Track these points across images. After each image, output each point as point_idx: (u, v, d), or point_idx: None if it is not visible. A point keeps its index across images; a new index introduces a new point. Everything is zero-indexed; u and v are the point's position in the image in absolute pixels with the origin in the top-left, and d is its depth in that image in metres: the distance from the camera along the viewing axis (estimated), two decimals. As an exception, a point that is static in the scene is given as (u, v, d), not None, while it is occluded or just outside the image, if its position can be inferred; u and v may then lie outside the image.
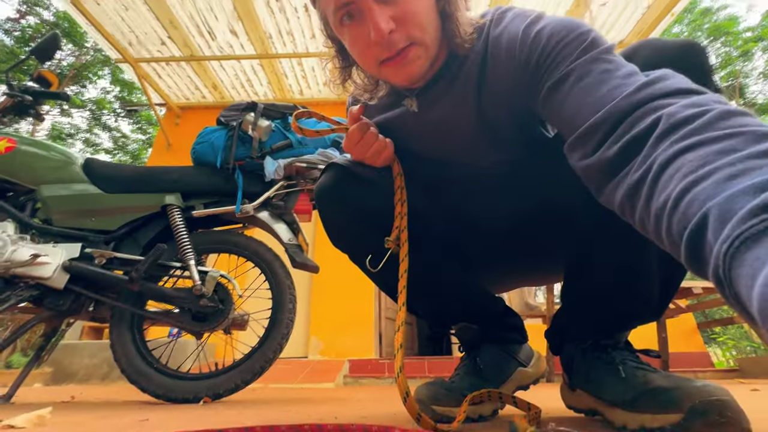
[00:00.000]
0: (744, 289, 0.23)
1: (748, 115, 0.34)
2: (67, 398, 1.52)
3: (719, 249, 0.25)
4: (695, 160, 0.32)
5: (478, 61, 0.60)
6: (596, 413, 0.66)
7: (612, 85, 0.44)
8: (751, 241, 0.23)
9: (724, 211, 0.26)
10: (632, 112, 0.40)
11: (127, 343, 1.23)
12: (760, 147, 0.29)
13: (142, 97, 11.96)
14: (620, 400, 0.58)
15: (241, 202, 1.33)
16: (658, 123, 0.37)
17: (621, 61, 0.48)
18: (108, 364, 3.11)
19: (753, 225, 0.23)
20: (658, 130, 0.37)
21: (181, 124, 5.35)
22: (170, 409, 1.01)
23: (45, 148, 1.34)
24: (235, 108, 1.44)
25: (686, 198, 0.31)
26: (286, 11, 4.03)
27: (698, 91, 0.39)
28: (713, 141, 0.32)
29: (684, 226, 0.30)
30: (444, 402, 0.68)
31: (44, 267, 1.14)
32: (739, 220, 0.24)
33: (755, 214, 0.24)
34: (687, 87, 0.40)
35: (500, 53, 0.58)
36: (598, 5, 4.04)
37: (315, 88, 5.17)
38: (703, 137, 0.33)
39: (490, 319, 0.80)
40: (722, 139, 0.31)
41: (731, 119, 0.33)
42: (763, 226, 0.23)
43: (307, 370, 3.09)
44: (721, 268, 0.25)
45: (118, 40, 4.32)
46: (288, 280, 1.32)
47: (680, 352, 3.52)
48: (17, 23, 10.44)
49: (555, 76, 0.51)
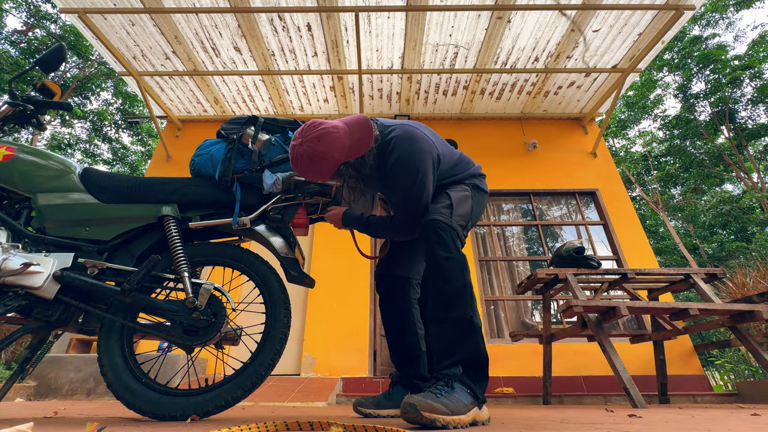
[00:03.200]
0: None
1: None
2: (50, 414, 1.46)
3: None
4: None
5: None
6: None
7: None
8: None
9: None
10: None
11: (116, 356, 1.20)
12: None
13: (144, 109, 12.09)
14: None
15: (238, 214, 1.33)
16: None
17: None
18: (94, 378, 3.02)
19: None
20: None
21: (181, 137, 5.39)
22: (156, 428, 0.98)
23: (43, 157, 1.33)
24: (236, 122, 1.46)
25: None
26: (289, 30, 4.14)
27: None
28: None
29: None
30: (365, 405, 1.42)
31: (35, 276, 1.12)
32: None
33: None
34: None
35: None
36: (591, 32, 4.18)
37: (315, 104, 5.26)
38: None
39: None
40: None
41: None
42: None
43: (299, 387, 3.01)
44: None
45: (122, 53, 4.40)
46: (283, 295, 1.30)
47: (678, 375, 3.48)
48: (24, 35, 10.62)
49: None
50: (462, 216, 1.25)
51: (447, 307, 1.10)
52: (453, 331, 1.08)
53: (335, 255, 4.23)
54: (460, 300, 1.09)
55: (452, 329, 1.08)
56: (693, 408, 2.02)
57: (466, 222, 1.27)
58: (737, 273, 4.27)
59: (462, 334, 1.07)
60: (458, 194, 1.29)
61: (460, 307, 1.09)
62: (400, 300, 1.48)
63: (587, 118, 5.41)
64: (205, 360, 3.74)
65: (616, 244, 4.39)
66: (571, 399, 3.22)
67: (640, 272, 2.52)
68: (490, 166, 5.03)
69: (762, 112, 12.08)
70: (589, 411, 1.71)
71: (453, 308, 1.09)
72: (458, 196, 1.28)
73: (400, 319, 1.47)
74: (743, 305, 2.24)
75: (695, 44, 12.66)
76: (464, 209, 1.27)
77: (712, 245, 13.22)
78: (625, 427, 0.90)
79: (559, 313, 4.09)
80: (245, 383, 1.17)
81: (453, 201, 1.24)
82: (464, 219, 1.26)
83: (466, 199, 1.30)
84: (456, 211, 1.22)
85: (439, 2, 3.84)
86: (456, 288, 1.10)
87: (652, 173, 13.93)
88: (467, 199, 1.30)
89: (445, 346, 1.08)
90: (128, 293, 1.17)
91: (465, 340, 1.07)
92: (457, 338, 1.07)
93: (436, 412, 0.89)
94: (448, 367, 1.05)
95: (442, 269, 1.12)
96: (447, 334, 1.08)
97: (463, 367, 1.06)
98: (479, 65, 4.60)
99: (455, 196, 1.27)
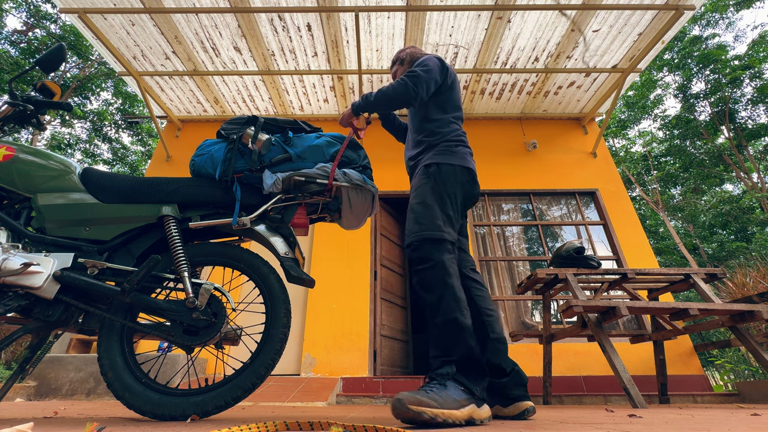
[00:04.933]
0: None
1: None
2: (50, 414, 1.46)
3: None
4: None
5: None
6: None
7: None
8: None
9: None
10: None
11: (116, 356, 1.20)
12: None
13: (144, 109, 12.09)
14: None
15: (238, 214, 1.33)
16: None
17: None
18: (94, 378, 3.02)
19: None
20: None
21: (181, 137, 5.39)
22: (156, 427, 0.98)
23: (43, 157, 1.33)
24: (236, 122, 1.46)
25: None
26: (289, 30, 4.14)
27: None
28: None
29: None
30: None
31: (35, 276, 1.12)
32: None
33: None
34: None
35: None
36: (591, 32, 4.18)
37: (315, 104, 5.25)
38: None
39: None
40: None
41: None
42: None
43: (299, 388, 3.01)
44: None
45: (122, 53, 4.40)
46: (283, 295, 1.30)
47: (678, 375, 3.48)
48: (24, 35, 10.62)
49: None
50: (431, 216, 1.29)
51: (434, 313, 1.17)
52: (441, 333, 1.14)
53: (335, 255, 4.23)
54: (445, 303, 1.15)
55: (441, 331, 1.14)
56: (693, 408, 2.02)
57: (441, 208, 1.32)
58: (737, 273, 4.27)
59: (450, 334, 1.12)
60: (420, 190, 1.37)
61: (445, 309, 1.15)
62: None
63: (587, 118, 5.41)
64: (205, 360, 3.74)
65: (616, 244, 4.39)
66: (571, 399, 3.22)
67: (640, 272, 2.52)
68: (490, 166, 5.03)
69: (762, 112, 12.08)
70: (589, 411, 1.71)
71: (438, 312, 1.15)
72: (420, 194, 1.36)
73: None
74: (743, 305, 2.24)
75: (695, 44, 12.65)
76: (430, 202, 1.32)
77: (712, 245, 13.22)
78: (625, 427, 0.90)
79: (559, 313, 4.09)
80: (245, 383, 1.17)
81: (415, 208, 1.33)
82: (435, 215, 1.29)
83: (426, 192, 1.35)
84: (423, 217, 1.29)
85: (439, 2, 3.84)
86: (438, 293, 1.17)
87: (652, 173, 13.93)
88: (426, 190, 1.35)
89: (437, 347, 1.14)
90: (128, 293, 1.17)
91: (454, 340, 1.11)
92: (447, 339, 1.12)
93: (422, 405, 0.91)
94: (440, 366, 1.10)
95: (423, 281, 1.21)
96: (437, 336, 1.14)
97: (457, 366, 1.08)
98: (479, 65, 4.60)
99: (417, 199, 1.36)
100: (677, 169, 13.66)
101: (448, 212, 1.32)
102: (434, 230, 1.25)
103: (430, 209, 1.30)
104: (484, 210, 4.77)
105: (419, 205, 1.33)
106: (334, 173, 1.36)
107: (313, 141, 1.45)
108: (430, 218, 1.28)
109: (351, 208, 1.45)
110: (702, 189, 13.68)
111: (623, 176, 14.06)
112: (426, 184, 1.37)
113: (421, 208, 1.32)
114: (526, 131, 5.38)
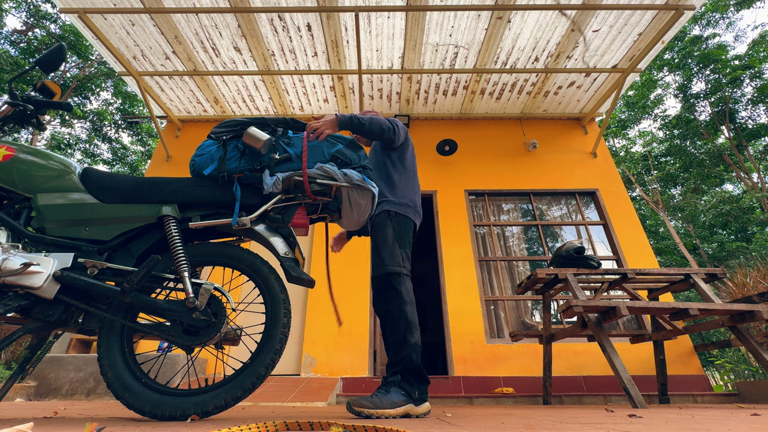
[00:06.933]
0: None
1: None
2: (50, 414, 1.46)
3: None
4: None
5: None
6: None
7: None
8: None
9: None
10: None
11: (116, 356, 1.20)
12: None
13: (144, 109, 12.09)
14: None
15: (238, 214, 1.33)
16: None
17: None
18: (94, 378, 3.02)
19: None
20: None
21: (181, 137, 5.39)
22: (156, 427, 0.98)
23: (43, 157, 1.33)
24: (225, 125, 1.46)
25: None
26: (289, 30, 4.14)
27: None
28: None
29: None
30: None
31: (35, 276, 1.12)
32: None
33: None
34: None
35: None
36: (591, 32, 4.18)
37: (315, 104, 5.25)
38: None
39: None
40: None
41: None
42: None
43: (299, 388, 3.01)
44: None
45: (122, 53, 4.40)
46: (283, 294, 1.30)
47: (678, 375, 3.48)
48: (24, 35, 10.62)
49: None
50: (390, 249, 1.59)
51: (390, 332, 1.48)
52: (393, 348, 1.46)
53: (335, 255, 4.22)
54: (398, 325, 1.46)
55: (393, 347, 1.46)
56: (693, 408, 2.02)
57: (395, 243, 1.62)
58: (737, 273, 4.27)
59: (399, 349, 1.44)
60: (383, 232, 1.65)
61: (399, 330, 1.46)
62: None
63: (587, 118, 5.41)
64: (205, 360, 3.74)
65: (616, 244, 4.39)
66: (571, 399, 3.22)
67: (640, 272, 2.52)
68: (490, 166, 5.03)
69: (762, 112, 12.08)
70: (589, 411, 1.71)
71: (394, 332, 1.47)
72: (383, 236, 1.63)
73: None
74: (743, 305, 2.24)
75: (695, 44, 12.65)
76: (391, 242, 1.61)
77: (712, 245, 13.21)
78: (625, 427, 0.90)
79: (559, 313, 4.09)
80: (245, 383, 1.17)
81: (380, 245, 1.61)
82: (393, 250, 1.59)
83: (387, 236, 1.63)
84: (386, 253, 1.58)
85: (439, 2, 3.83)
86: (395, 318, 1.48)
87: (652, 173, 13.93)
88: (388, 233, 1.64)
89: (390, 359, 1.46)
90: (128, 293, 1.17)
91: (402, 355, 1.43)
92: (396, 353, 1.44)
93: (362, 407, 1.29)
94: (391, 375, 1.43)
95: (387, 306, 1.52)
96: (390, 351, 1.47)
97: (402, 375, 1.40)
98: (479, 65, 4.60)
99: (380, 237, 1.64)
100: (677, 169, 13.66)
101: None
102: (394, 265, 1.56)
103: (389, 245, 1.63)
104: (484, 210, 4.77)
105: (382, 239, 1.64)
106: (306, 175, 1.34)
107: (313, 141, 1.46)
108: (388, 251, 1.60)
109: (351, 208, 1.45)
110: (702, 189, 13.68)
111: (623, 176, 14.05)
112: (388, 226, 1.68)
113: (381, 243, 1.64)
114: (526, 131, 5.38)
